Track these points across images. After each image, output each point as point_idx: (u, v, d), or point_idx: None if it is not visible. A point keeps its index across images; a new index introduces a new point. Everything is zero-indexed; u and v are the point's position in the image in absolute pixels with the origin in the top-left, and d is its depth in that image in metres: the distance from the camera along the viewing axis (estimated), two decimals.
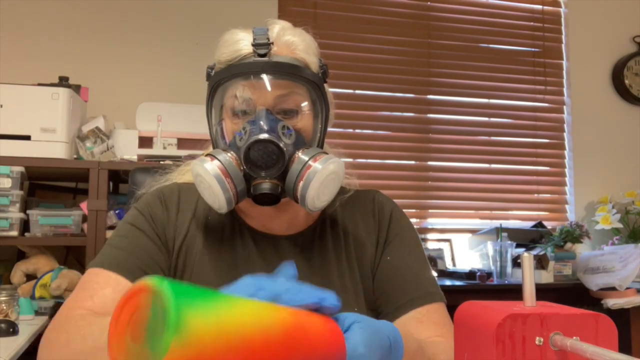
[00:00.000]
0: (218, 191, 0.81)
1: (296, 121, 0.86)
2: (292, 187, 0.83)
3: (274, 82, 0.85)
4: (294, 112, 0.86)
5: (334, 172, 0.83)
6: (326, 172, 0.82)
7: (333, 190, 0.85)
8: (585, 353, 0.42)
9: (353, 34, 2.88)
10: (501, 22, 3.10)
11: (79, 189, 2.36)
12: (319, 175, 0.81)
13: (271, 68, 0.84)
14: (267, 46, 0.84)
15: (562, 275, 2.50)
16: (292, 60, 0.86)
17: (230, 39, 0.88)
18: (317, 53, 0.92)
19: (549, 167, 3.10)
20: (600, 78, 3.17)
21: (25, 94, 2.03)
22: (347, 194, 1.00)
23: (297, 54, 0.88)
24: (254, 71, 0.84)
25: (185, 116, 2.29)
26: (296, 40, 0.89)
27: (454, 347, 0.53)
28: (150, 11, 2.62)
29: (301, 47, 0.88)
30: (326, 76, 0.92)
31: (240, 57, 0.85)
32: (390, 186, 2.88)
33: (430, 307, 0.89)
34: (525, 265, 0.49)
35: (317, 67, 0.90)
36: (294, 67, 0.85)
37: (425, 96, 2.98)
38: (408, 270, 0.93)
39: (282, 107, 0.86)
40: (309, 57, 0.89)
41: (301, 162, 0.82)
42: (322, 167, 0.82)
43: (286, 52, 0.87)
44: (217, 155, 0.83)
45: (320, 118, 0.90)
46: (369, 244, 0.96)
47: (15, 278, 1.99)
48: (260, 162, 0.81)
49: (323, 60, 0.93)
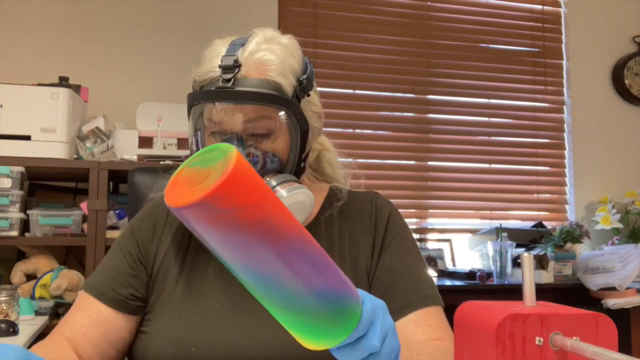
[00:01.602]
0: None
1: (267, 144, 0.85)
2: None
3: (241, 107, 0.84)
4: (265, 135, 0.85)
5: (299, 202, 0.83)
6: (292, 200, 0.81)
7: (300, 218, 0.85)
8: (585, 353, 0.42)
9: (353, 34, 2.88)
10: (501, 22, 3.10)
11: (79, 189, 2.36)
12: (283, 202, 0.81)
13: (234, 96, 0.82)
14: (233, 69, 0.83)
15: (562, 275, 2.50)
16: (261, 83, 0.83)
17: (209, 55, 0.88)
18: (296, 69, 0.87)
19: (549, 167, 3.10)
20: (600, 78, 3.17)
21: (25, 94, 2.02)
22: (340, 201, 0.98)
23: (268, 76, 0.84)
24: (218, 98, 0.84)
25: (185, 116, 2.28)
26: (270, 59, 0.84)
27: (454, 347, 0.53)
28: (150, 11, 2.62)
29: (274, 66, 0.84)
30: (307, 90, 0.88)
31: (210, 80, 0.85)
32: (390, 186, 2.88)
33: (428, 310, 0.88)
34: (525, 265, 0.49)
35: (291, 87, 0.85)
36: (259, 95, 0.82)
37: (425, 96, 2.98)
38: (406, 274, 0.92)
39: (251, 132, 0.85)
40: (282, 78, 0.84)
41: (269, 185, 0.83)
42: (287, 195, 0.81)
43: (255, 74, 0.83)
44: None
45: (296, 140, 0.87)
46: (364, 246, 0.95)
47: (15, 278, 1.99)
48: None
49: (307, 73, 0.88)
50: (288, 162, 0.87)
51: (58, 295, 1.93)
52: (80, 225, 2.04)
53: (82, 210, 2.04)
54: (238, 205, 0.44)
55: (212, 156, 0.46)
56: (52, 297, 1.94)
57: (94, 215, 2.01)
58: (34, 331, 1.61)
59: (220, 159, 0.44)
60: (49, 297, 1.94)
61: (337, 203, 0.98)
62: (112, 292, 0.88)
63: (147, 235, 0.94)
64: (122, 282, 0.89)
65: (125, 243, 0.94)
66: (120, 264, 0.91)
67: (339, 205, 0.98)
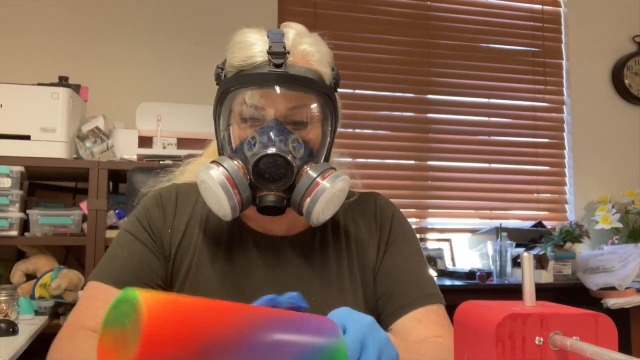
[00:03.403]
0: (223, 199, 0.81)
1: (306, 133, 0.86)
2: (298, 202, 0.83)
3: (288, 94, 0.83)
4: (304, 124, 0.85)
5: (341, 189, 0.83)
6: (334, 191, 0.82)
7: (338, 206, 0.85)
8: (585, 353, 0.42)
9: (353, 34, 2.88)
10: (501, 22, 3.10)
11: (79, 189, 2.36)
12: (327, 193, 0.81)
13: (287, 80, 0.82)
14: (284, 56, 0.82)
15: (562, 275, 2.50)
16: (308, 73, 0.84)
17: (243, 42, 0.86)
18: (332, 63, 0.90)
19: (549, 167, 3.10)
20: (600, 78, 3.17)
21: (25, 94, 2.02)
22: (352, 198, 0.99)
23: (313, 65, 0.86)
24: (270, 82, 0.83)
25: (185, 116, 2.29)
26: (312, 51, 0.86)
27: (454, 347, 0.53)
28: (150, 11, 2.62)
29: (316, 57, 0.87)
30: (338, 86, 0.91)
31: (255, 65, 0.83)
32: (390, 186, 2.88)
33: (430, 308, 0.89)
34: (525, 265, 0.49)
35: (330, 79, 0.88)
36: (309, 81, 0.84)
37: (425, 96, 2.98)
38: (409, 273, 0.93)
39: (294, 119, 0.85)
40: (324, 68, 0.87)
41: (310, 178, 0.82)
42: (330, 185, 0.82)
43: (302, 63, 0.85)
44: (223, 163, 0.82)
45: (330, 130, 0.89)
46: (370, 246, 0.96)
47: (15, 278, 1.99)
48: (268, 175, 0.81)
49: (336, 69, 0.91)
50: (319, 151, 0.88)
51: (58, 295, 1.93)
52: (80, 225, 2.04)
53: (82, 210, 2.05)
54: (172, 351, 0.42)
55: (123, 310, 0.43)
56: (52, 297, 1.94)
57: (94, 215, 2.01)
58: (34, 331, 1.61)
59: (132, 314, 0.42)
60: (49, 297, 1.94)
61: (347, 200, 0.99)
62: (137, 281, 0.85)
63: (159, 223, 0.92)
64: (145, 269, 0.87)
65: (138, 231, 0.91)
66: (139, 252, 0.88)
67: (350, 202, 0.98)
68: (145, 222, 0.92)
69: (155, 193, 0.97)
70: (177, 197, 0.96)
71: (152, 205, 0.94)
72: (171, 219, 0.93)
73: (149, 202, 0.95)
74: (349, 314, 0.59)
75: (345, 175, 0.84)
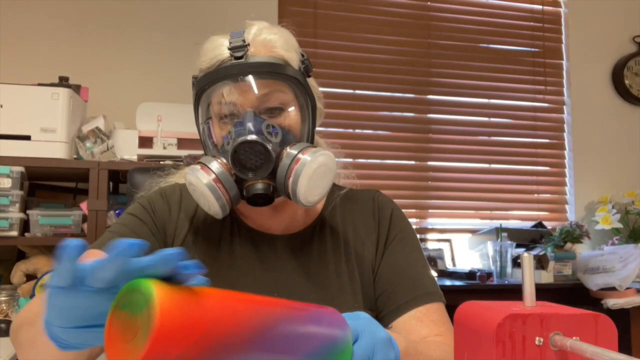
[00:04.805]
0: (211, 199, 0.82)
1: (282, 119, 0.86)
2: (282, 184, 0.83)
3: (254, 82, 0.84)
4: (278, 110, 0.86)
5: (323, 164, 0.83)
6: (314, 165, 0.81)
7: (325, 183, 0.84)
8: (585, 353, 0.42)
9: (353, 34, 2.88)
10: (501, 22, 3.10)
11: (79, 189, 2.36)
12: (307, 168, 0.81)
13: (248, 69, 0.84)
14: (243, 48, 0.84)
15: (562, 275, 2.50)
16: (270, 59, 0.85)
17: (210, 46, 0.88)
18: (297, 48, 0.91)
19: (549, 167, 3.10)
20: (600, 78, 3.17)
21: (25, 94, 2.02)
22: (342, 190, 1.00)
23: (276, 52, 0.87)
24: (232, 74, 0.84)
25: (185, 116, 2.27)
26: (274, 38, 0.88)
27: (454, 347, 0.53)
28: (150, 11, 2.62)
29: (279, 43, 0.88)
30: (309, 70, 0.91)
31: (219, 62, 0.85)
32: (390, 186, 2.88)
33: (430, 306, 0.89)
34: (525, 265, 0.49)
35: (297, 63, 0.89)
36: (272, 66, 0.85)
37: (425, 96, 2.98)
38: (409, 270, 0.93)
39: (266, 106, 0.85)
40: (288, 53, 0.88)
41: (289, 156, 0.82)
42: (310, 159, 0.81)
43: (264, 52, 0.86)
44: (207, 163, 0.83)
45: (307, 113, 0.89)
46: (369, 244, 0.96)
47: (15, 278, 1.99)
48: (247, 163, 0.81)
49: (305, 55, 0.92)
50: (300, 137, 0.88)
51: None
52: (80, 225, 2.04)
53: (82, 210, 2.05)
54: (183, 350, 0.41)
55: (135, 299, 0.42)
56: None
57: (94, 215, 2.01)
58: None
59: (143, 307, 0.41)
60: None
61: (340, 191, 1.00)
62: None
63: (163, 212, 0.93)
64: None
65: (142, 214, 0.91)
66: (141, 232, 0.89)
67: (341, 193, 0.99)
68: (149, 207, 0.93)
69: (159, 189, 0.99)
70: (181, 194, 0.97)
71: (156, 197, 0.96)
72: (176, 213, 0.94)
73: (153, 194, 0.97)
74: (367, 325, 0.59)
75: (326, 151, 0.84)
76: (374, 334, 0.58)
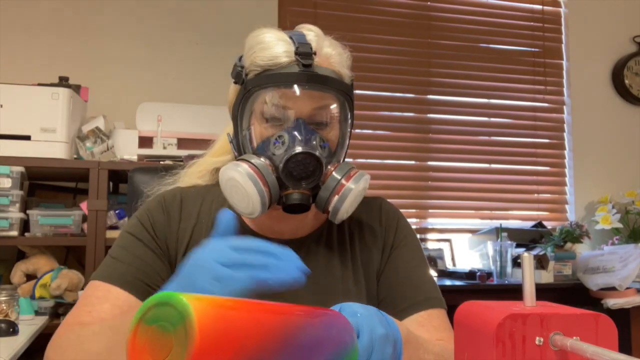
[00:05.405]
0: (254, 194, 0.81)
1: (326, 132, 0.87)
2: (325, 199, 0.84)
3: (315, 94, 0.84)
4: (325, 124, 0.87)
5: (364, 189, 0.86)
6: (358, 190, 0.85)
7: (358, 203, 0.87)
8: (585, 353, 0.42)
9: (353, 34, 2.88)
10: (501, 22, 3.10)
11: (79, 189, 2.36)
12: (353, 192, 0.84)
13: (317, 80, 0.84)
14: (311, 56, 0.84)
15: (562, 275, 2.50)
16: (332, 74, 0.86)
17: (264, 42, 0.85)
18: (349, 65, 0.93)
19: (549, 167, 3.10)
20: (600, 78, 3.17)
21: (25, 94, 2.02)
22: None
23: (335, 67, 0.88)
24: (300, 82, 0.83)
25: (185, 116, 2.29)
26: (333, 53, 0.89)
27: (454, 347, 0.53)
28: (150, 11, 2.62)
29: (337, 59, 0.89)
30: (352, 87, 0.93)
31: (280, 65, 0.83)
32: (390, 186, 2.88)
33: (432, 311, 0.90)
34: (525, 265, 0.49)
35: (349, 80, 0.91)
36: (336, 81, 0.86)
37: (425, 96, 2.98)
38: (412, 276, 0.94)
39: (316, 119, 0.86)
40: (343, 69, 0.90)
41: (335, 178, 0.84)
42: (354, 185, 0.84)
43: (326, 64, 0.87)
44: (250, 160, 0.82)
45: (348, 130, 0.91)
46: (375, 249, 0.97)
47: (15, 278, 1.99)
48: (298, 173, 0.82)
49: (351, 72, 0.93)
50: (338, 151, 0.90)
51: (58, 295, 1.93)
52: (80, 225, 2.04)
53: (82, 210, 2.05)
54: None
55: (166, 314, 0.41)
56: (52, 297, 1.94)
57: (94, 215, 2.01)
58: (34, 331, 1.61)
59: (178, 323, 0.40)
60: (49, 297, 1.95)
61: None
62: (139, 282, 0.85)
63: (163, 226, 0.91)
64: (149, 271, 0.87)
65: (140, 233, 0.90)
66: (142, 254, 0.88)
67: None
68: (148, 223, 0.91)
69: (158, 196, 0.96)
70: (181, 201, 0.95)
71: (155, 208, 0.93)
72: (176, 224, 0.92)
73: (151, 204, 0.94)
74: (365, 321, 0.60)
75: (367, 175, 0.87)
76: (372, 332, 0.59)
